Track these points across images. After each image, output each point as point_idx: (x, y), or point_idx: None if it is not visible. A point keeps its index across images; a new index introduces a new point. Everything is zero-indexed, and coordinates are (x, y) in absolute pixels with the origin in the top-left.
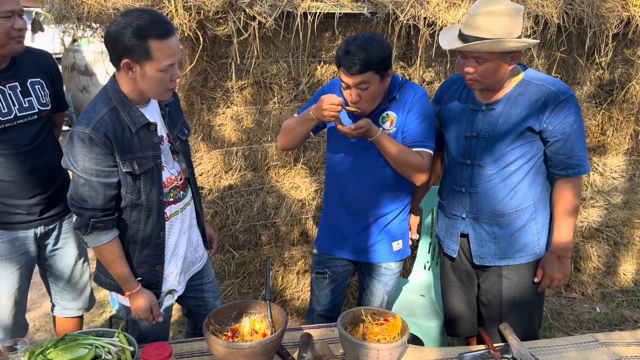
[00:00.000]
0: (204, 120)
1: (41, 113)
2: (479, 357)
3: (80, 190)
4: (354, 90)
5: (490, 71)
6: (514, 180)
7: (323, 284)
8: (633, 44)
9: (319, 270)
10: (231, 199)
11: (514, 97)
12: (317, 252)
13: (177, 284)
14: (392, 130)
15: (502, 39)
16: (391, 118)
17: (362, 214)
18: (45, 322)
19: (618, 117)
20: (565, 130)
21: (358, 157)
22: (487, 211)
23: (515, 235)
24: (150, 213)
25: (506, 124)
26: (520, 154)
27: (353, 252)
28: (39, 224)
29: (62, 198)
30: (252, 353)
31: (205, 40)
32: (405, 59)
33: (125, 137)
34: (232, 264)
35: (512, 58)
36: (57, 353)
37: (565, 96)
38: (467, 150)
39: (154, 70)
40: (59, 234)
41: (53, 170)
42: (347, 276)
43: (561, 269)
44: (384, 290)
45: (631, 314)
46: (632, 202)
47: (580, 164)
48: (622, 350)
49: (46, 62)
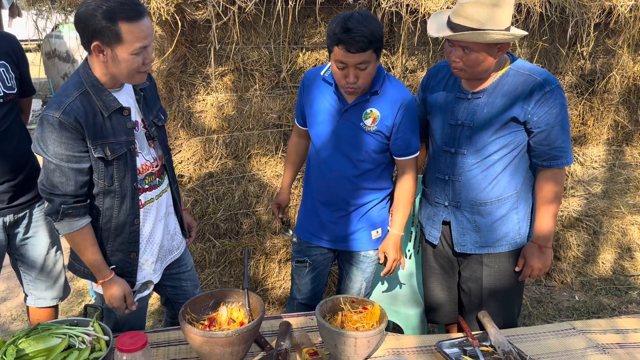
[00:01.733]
0: (183, 107)
1: (7, 97)
2: (457, 344)
3: (51, 176)
4: (352, 70)
5: (477, 61)
6: (497, 170)
7: (303, 273)
8: (614, 33)
9: (299, 258)
10: (212, 187)
11: (500, 87)
12: (297, 240)
13: (152, 272)
14: (373, 128)
15: (489, 30)
16: (374, 115)
17: (340, 204)
18: (22, 312)
19: (599, 108)
20: (549, 122)
21: (338, 148)
22: (469, 200)
23: (496, 224)
24: (123, 200)
25: (491, 113)
26: (503, 143)
27: (332, 241)
28: (8, 212)
29: (32, 185)
30: (228, 342)
31: (184, 25)
32: (388, 46)
33: (97, 122)
34: (213, 252)
35: (499, 49)
36: (30, 343)
37: (551, 87)
38: (451, 139)
39: (126, 54)
40: (30, 222)
41: (21, 156)
42: (327, 264)
43: (542, 258)
44: (362, 277)
45: (609, 302)
46: (612, 192)
47: (563, 155)
48: (598, 338)
49: (10, 45)
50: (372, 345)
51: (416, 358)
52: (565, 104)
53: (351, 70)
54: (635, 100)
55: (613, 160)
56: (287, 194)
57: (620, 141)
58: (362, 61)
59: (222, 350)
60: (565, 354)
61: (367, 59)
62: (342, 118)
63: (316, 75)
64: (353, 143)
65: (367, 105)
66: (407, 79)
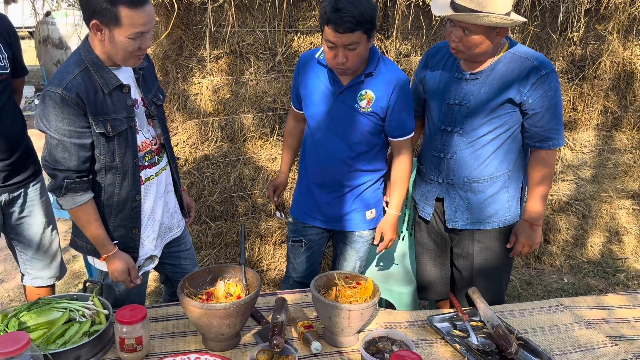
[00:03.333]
0: (179, 90)
1: (0, 76)
2: (447, 319)
3: (54, 151)
4: (341, 51)
5: (475, 43)
6: (490, 149)
7: (299, 252)
8: (604, 19)
9: (295, 238)
10: (207, 169)
11: (498, 69)
12: (292, 220)
13: (153, 248)
14: (367, 109)
15: (489, 14)
16: (369, 97)
17: (335, 186)
18: (20, 293)
19: (589, 93)
20: (544, 104)
21: (333, 130)
22: (462, 177)
23: (488, 202)
24: (125, 176)
25: (488, 94)
26: (498, 124)
27: (327, 221)
28: (3, 191)
29: (27, 165)
30: (225, 314)
31: (179, 8)
32: (382, 31)
33: (98, 99)
34: (209, 234)
35: (497, 33)
36: (31, 316)
37: (547, 70)
38: (448, 117)
39: (122, 37)
40: (25, 201)
41: (15, 136)
42: (322, 243)
43: (532, 236)
44: (356, 257)
45: (597, 283)
46: (601, 176)
47: (555, 137)
48: (584, 314)
49: (3, 25)
50: (365, 318)
51: (408, 332)
52: (559, 87)
53: (340, 51)
54: (624, 86)
55: (602, 145)
56: (285, 177)
57: (609, 126)
58: (351, 42)
59: (219, 322)
60: (552, 328)
61: (356, 39)
62: (337, 100)
63: (311, 58)
64: (348, 124)
65: (361, 87)
66: (401, 63)
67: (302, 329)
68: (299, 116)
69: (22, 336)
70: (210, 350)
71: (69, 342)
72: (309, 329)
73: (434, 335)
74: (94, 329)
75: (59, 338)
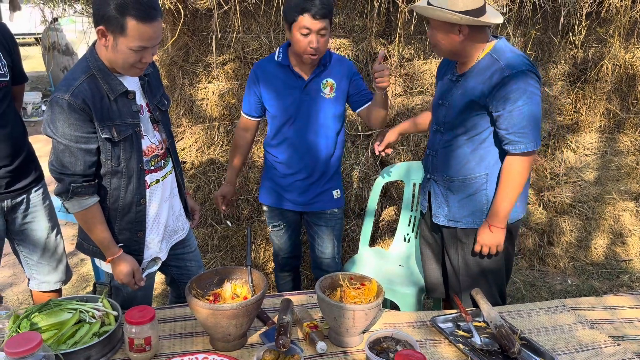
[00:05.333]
0: (185, 95)
1: (0, 84)
2: (451, 320)
3: (60, 156)
4: (315, 36)
5: (439, 38)
6: (466, 150)
7: (280, 234)
8: (606, 22)
9: (274, 223)
10: (213, 173)
11: (475, 70)
12: (267, 208)
13: (158, 250)
14: (332, 95)
15: (438, 8)
16: (330, 84)
17: (307, 172)
18: (28, 296)
19: (591, 96)
20: (506, 106)
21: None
22: (442, 175)
23: (464, 201)
24: (130, 180)
25: (462, 95)
26: (470, 125)
27: (300, 205)
28: (5, 197)
29: (28, 171)
30: (233, 314)
31: (186, 14)
32: (385, 35)
33: (104, 105)
34: (215, 237)
35: (459, 31)
36: (42, 317)
37: (512, 71)
38: (435, 117)
39: (125, 47)
40: (28, 207)
41: (17, 142)
42: (299, 221)
43: (491, 237)
44: (333, 235)
45: (600, 285)
46: (604, 178)
47: (521, 141)
48: (587, 314)
49: (2, 33)
50: (369, 318)
51: (412, 332)
52: (530, 90)
53: (314, 36)
54: (626, 88)
55: (605, 148)
56: (233, 186)
57: (612, 129)
58: (324, 27)
59: (227, 323)
60: (555, 328)
61: (326, 26)
62: (303, 93)
63: (269, 63)
64: (317, 112)
65: (322, 77)
66: (404, 67)
67: (308, 329)
68: (250, 125)
69: (35, 336)
70: (217, 351)
71: (79, 343)
72: (315, 329)
73: (437, 335)
74: (104, 330)
75: (70, 338)
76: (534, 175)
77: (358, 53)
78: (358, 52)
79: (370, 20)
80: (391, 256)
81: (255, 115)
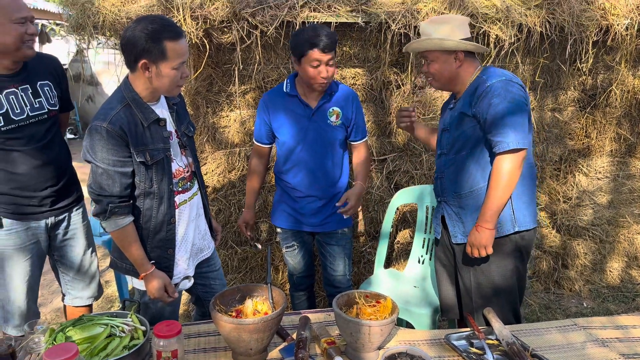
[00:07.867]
0: (208, 123)
1: (50, 113)
2: (465, 337)
3: (99, 179)
4: (324, 67)
5: (439, 69)
6: (467, 164)
7: (294, 254)
8: (612, 50)
9: (288, 244)
10: (234, 197)
11: (468, 90)
12: (281, 230)
13: (187, 267)
14: (337, 123)
15: (429, 38)
16: (336, 112)
17: (318, 196)
18: (56, 316)
19: (601, 121)
20: (489, 111)
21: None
22: (451, 192)
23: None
24: (161, 201)
25: (456, 114)
26: (466, 138)
27: (312, 226)
28: (50, 215)
29: (71, 191)
30: (255, 329)
31: (210, 48)
32: (398, 65)
33: (139, 131)
34: (235, 259)
35: (455, 58)
36: (76, 331)
37: (491, 82)
38: (439, 142)
39: (168, 69)
40: (68, 225)
41: (62, 164)
42: (311, 242)
43: (477, 237)
44: (344, 254)
45: (616, 308)
46: (617, 201)
47: (500, 140)
48: (599, 333)
49: (54, 65)
50: (384, 334)
51: (427, 349)
52: (509, 89)
53: (324, 67)
54: (636, 113)
55: (617, 171)
56: (252, 212)
57: (623, 153)
58: (331, 58)
59: (249, 337)
60: (566, 346)
61: (333, 56)
62: (311, 121)
63: (277, 94)
64: (324, 139)
65: (328, 105)
66: (417, 94)
67: (325, 345)
68: (263, 152)
69: (72, 347)
70: None
71: (110, 355)
72: (332, 345)
73: (451, 352)
74: (133, 343)
75: (102, 351)
76: (547, 198)
77: (372, 82)
78: (372, 80)
79: (383, 52)
80: (406, 277)
81: (266, 142)
